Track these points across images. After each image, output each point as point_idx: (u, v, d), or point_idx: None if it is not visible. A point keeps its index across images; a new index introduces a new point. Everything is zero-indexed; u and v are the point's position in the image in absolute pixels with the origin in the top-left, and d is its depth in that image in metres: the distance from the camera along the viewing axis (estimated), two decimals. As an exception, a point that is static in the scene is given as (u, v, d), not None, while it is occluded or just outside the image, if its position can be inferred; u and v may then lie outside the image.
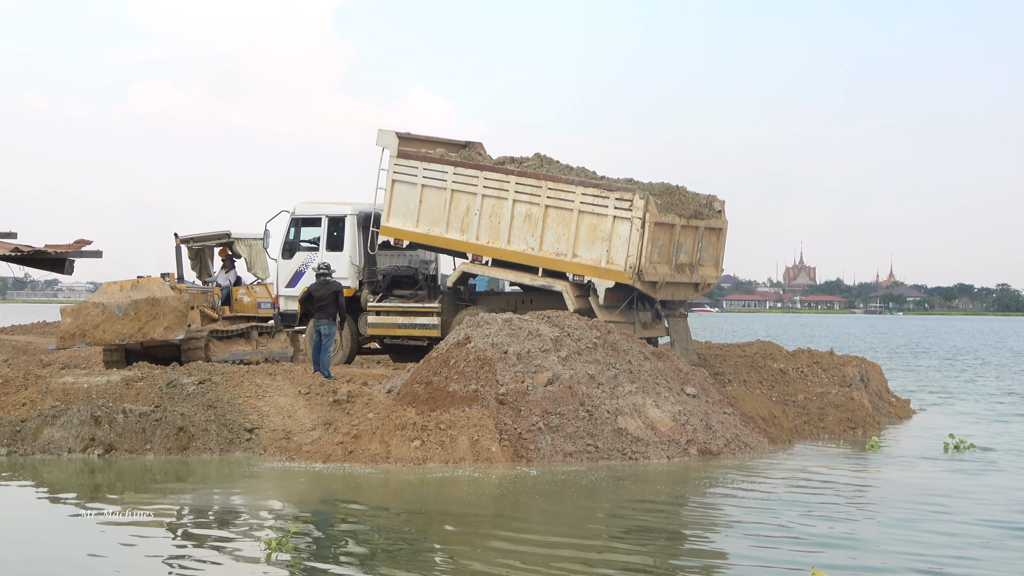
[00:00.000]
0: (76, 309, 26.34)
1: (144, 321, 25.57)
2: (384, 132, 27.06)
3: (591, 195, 24.55)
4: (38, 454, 18.57)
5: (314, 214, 27.57)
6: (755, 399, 22.38)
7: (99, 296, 26.24)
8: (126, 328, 25.64)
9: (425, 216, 26.51)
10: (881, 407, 26.55)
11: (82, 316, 25.91)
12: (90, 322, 25.82)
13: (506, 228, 25.54)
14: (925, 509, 15.33)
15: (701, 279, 25.73)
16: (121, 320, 25.67)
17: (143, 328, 25.54)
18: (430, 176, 26.45)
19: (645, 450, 18.67)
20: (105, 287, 26.43)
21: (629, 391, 19.62)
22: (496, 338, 19.95)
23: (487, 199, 25.79)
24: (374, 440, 18.11)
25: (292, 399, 20.18)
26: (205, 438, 18.94)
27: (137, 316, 25.62)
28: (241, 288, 28.73)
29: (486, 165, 26.18)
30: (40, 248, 23.38)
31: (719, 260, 26.30)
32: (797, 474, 18.11)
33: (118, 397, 19.94)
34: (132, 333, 25.59)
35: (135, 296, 25.78)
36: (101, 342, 26.00)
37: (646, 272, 24.10)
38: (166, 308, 25.55)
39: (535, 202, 25.21)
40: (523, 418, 18.63)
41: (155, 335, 25.48)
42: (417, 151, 26.98)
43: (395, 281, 27.06)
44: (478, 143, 28.61)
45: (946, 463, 19.85)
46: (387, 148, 26.97)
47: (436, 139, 28.09)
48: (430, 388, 19.29)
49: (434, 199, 26.39)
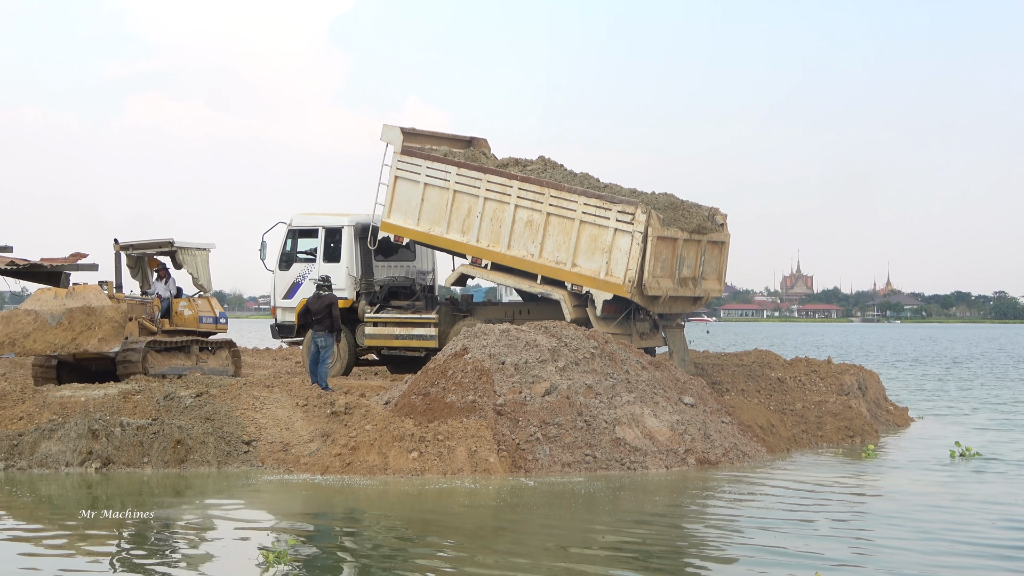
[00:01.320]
0: (6, 316, 24.49)
1: (78, 331, 24.02)
2: (389, 127, 27.01)
3: (593, 206, 24.41)
4: (36, 468, 18.51)
5: (311, 225, 27.59)
6: (753, 408, 22.37)
7: (31, 303, 24.37)
8: (58, 338, 23.98)
9: (427, 215, 26.44)
10: (879, 415, 26.54)
11: (12, 323, 24.07)
12: (21, 330, 24.05)
13: (507, 233, 25.46)
14: (928, 517, 15.30)
15: (704, 292, 25.65)
16: (54, 330, 24.00)
17: (76, 339, 23.96)
18: (433, 175, 26.37)
19: (643, 460, 18.65)
20: (39, 294, 24.72)
21: (627, 401, 19.61)
22: (493, 349, 19.94)
23: (489, 202, 25.69)
24: (372, 452, 18.09)
25: (290, 411, 20.15)
26: (203, 451, 18.90)
27: (71, 326, 24.02)
28: (182, 300, 26.97)
29: (490, 168, 26.08)
30: (36, 262, 23.38)
31: (722, 273, 26.22)
32: (796, 483, 18.09)
33: (115, 410, 19.92)
34: (64, 344, 23.97)
35: (70, 304, 24.14)
36: (31, 352, 24.41)
37: (649, 286, 23.94)
38: (102, 318, 24.02)
39: (537, 209, 25.10)
40: (521, 428, 18.62)
41: (88, 347, 23.97)
42: (422, 148, 26.93)
43: (392, 292, 27.06)
44: (483, 140, 28.62)
45: (951, 471, 19.83)
46: (391, 144, 26.91)
47: (441, 135, 28.10)
48: (428, 399, 19.28)
49: (436, 198, 26.31)
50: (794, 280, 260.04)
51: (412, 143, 27.00)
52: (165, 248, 26.92)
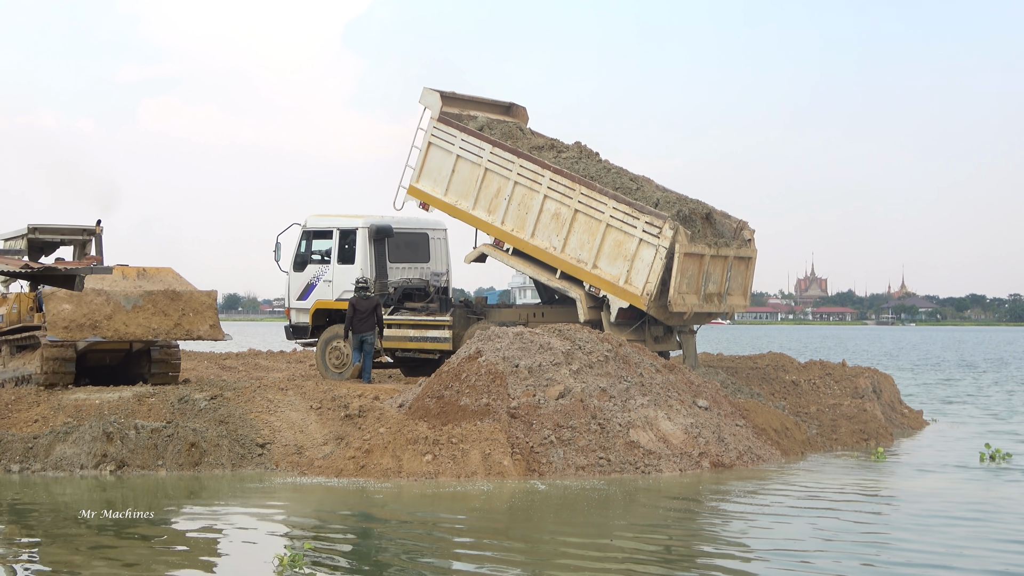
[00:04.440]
0: (76, 296, 22.00)
1: (175, 317, 22.39)
2: (428, 91, 26.84)
3: (622, 212, 24.19)
4: (50, 471, 18.55)
5: (326, 227, 27.54)
6: (767, 411, 22.31)
7: (95, 282, 22.28)
8: (151, 322, 22.29)
9: (455, 187, 26.34)
10: (894, 418, 26.46)
11: (85, 304, 22.11)
12: (99, 311, 22.10)
13: (532, 220, 25.31)
14: (949, 519, 15.23)
15: (729, 308, 25.53)
16: (133, 313, 22.20)
17: (179, 323, 22.44)
18: (467, 148, 26.20)
19: (657, 463, 18.61)
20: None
21: (641, 404, 19.57)
22: (507, 352, 19.93)
23: (519, 187, 25.51)
24: (386, 455, 18.09)
25: (304, 414, 20.17)
26: (217, 454, 18.92)
27: (156, 310, 22.40)
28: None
29: (524, 153, 25.78)
30: (50, 265, 23.37)
31: (747, 289, 26.05)
32: (810, 486, 18.03)
33: (130, 413, 19.95)
34: (168, 329, 22.41)
35: (147, 287, 22.61)
36: (124, 336, 22.33)
37: (674, 303, 23.75)
38: (196, 304, 22.66)
39: (566, 203, 24.90)
40: (535, 432, 18.60)
41: (202, 333, 22.51)
42: (459, 115, 26.78)
43: (406, 294, 27.01)
44: (521, 108, 28.55)
45: (979, 473, 19.77)
46: (429, 108, 26.77)
47: (480, 99, 28.00)
48: (442, 402, 19.27)
49: (467, 172, 26.19)
50: (808, 283, 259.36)
51: (451, 108, 26.85)
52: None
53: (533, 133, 27.65)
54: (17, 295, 24.28)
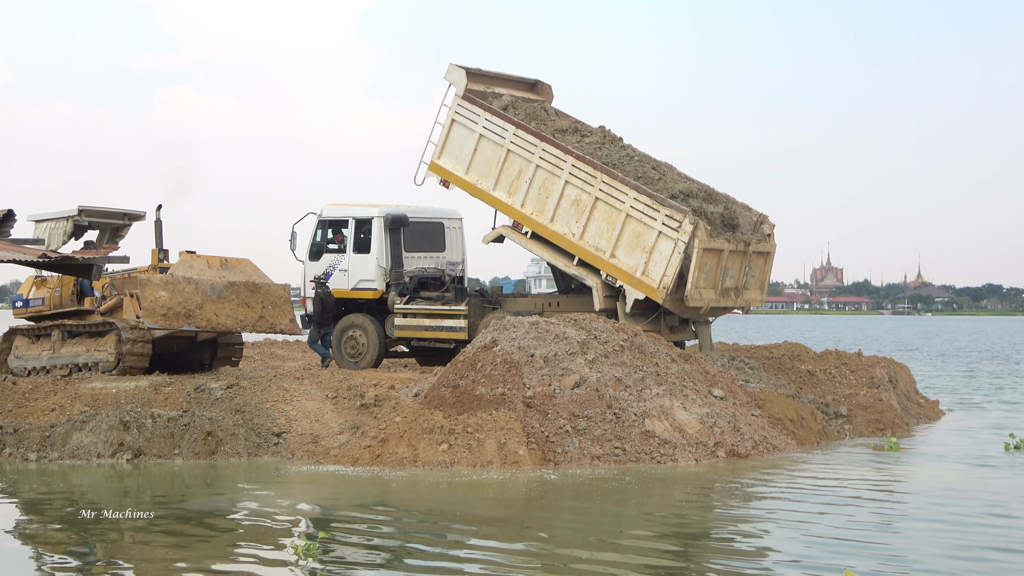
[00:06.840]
0: (169, 282, 21.78)
1: (258, 308, 22.44)
2: (454, 67, 26.76)
3: (642, 203, 24.07)
4: (67, 460, 18.63)
5: (341, 216, 27.53)
6: (783, 401, 22.26)
7: (182, 269, 22.09)
8: (239, 313, 22.26)
9: (477, 166, 26.28)
10: (910, 408, 26.38)
11: (178, 292, 21.65)
12: (190, 300, 21.75)
13: (552, 205, 25.21)
14: (961, 509, 15.19)
15: (746, 302, 25.48)
16: (219, 303, 22.09)
17: (263, 316, 22.51)
18: (490, 128, 26.09)
19: (673, 453, 18.60)
20: (187, 259, 22.56)
21: (656, 393, 19.56)
22: (523, 341, 19.92)
23: (541, 171, 25.41)
24: (401, 444, 18.11)
25: (320, 403, 20.21)
26: (233, 442, 18.98)
27: (239, 301, 22.29)
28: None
29: (547, 136, 25.62)
30: (68, 254, 23.39)
31: (764, 284, 26.00)
32: (826, 475, 18.00)
33: (146, 402, 20.02)
34: (253, 321, 22.41)
35: (230, 277, 22.50)
36: (217, 327, 22.29)
37: (691, 298, 23.74)
38: (274, 297, 22.57)
39: (587, 190, 24.77)
40: (550, 421, 18.61)
41: (283, 327, 22.62)
42: (483, 95, 26.69)
43: (422, 283, 27.01)
44: (547, 85, 28.49)
45: (1001, 463, 19.69)
46: (454, 84, 26.70)
47: (505, 76, 27.92)
48: (457, 391, 19.28)
49: (489, 152, 26.11)
50: (824, 272, 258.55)
51: (476, 85, 26.79)
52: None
53: (558, 113, 27.56)
54: (59, 278, 24.22)
